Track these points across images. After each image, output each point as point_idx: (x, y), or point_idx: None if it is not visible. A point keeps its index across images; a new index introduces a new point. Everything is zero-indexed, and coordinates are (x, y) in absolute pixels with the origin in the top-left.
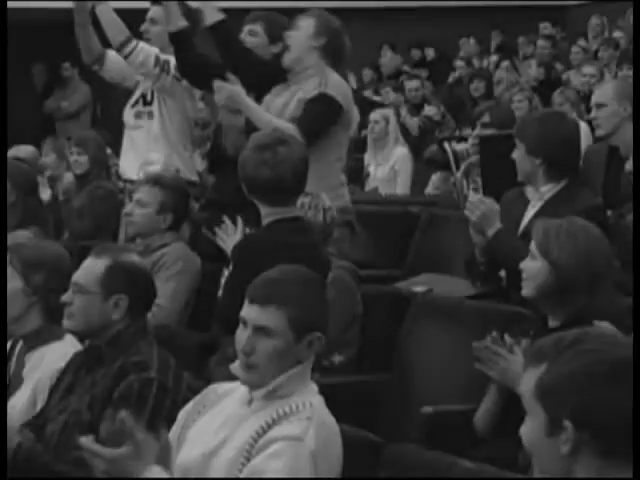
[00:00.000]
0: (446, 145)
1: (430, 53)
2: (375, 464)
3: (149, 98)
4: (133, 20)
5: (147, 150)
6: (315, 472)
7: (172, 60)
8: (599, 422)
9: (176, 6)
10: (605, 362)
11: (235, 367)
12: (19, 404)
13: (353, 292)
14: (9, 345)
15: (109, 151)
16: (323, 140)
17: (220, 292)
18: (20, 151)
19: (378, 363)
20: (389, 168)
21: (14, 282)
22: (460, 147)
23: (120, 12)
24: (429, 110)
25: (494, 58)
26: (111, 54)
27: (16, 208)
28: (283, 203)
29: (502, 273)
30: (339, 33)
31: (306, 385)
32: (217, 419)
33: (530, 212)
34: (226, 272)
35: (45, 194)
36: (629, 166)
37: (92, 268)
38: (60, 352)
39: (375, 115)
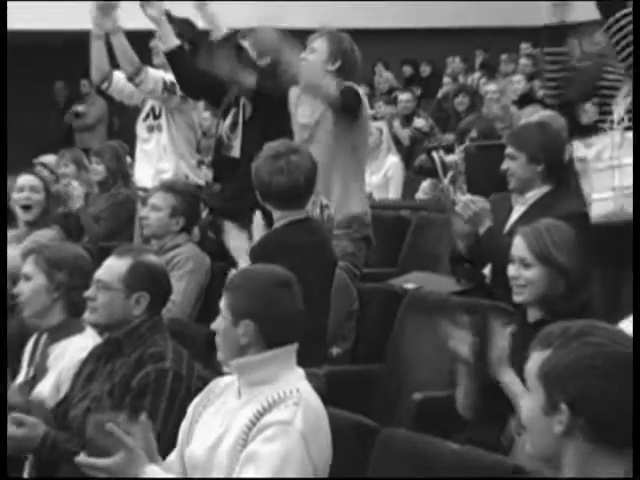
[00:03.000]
0: (434, 154)
1: (426, 70)
2: (369, 447)
3: (157, 112)
4: (144, 39)
5: (158, 160)
6: (306, 451)
7: None
8: (594, 411)
9: (169, 27)
10: (607, 356)
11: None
12: (44, 392)
13: (350, 290)
14: (34, 338)
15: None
16: (353, 155)
17: None
18: (44, 159)
19: (372, 354)
20: (382, 175)
21: (38, 280)
22: (450, 158)
23: (133, 32)
24: (418, 122)
25: (477, 75)
26: (118, 74)
27: (47, 213)
28: (296, 206)
29: (485, 271)
30: (351, 52)
31: (292, 371)
32: (219, 412)
33: (514, 215)
34: (233, 270)
35: (77, 203)
36: None
37: (115, 267)
38: (81, 344)
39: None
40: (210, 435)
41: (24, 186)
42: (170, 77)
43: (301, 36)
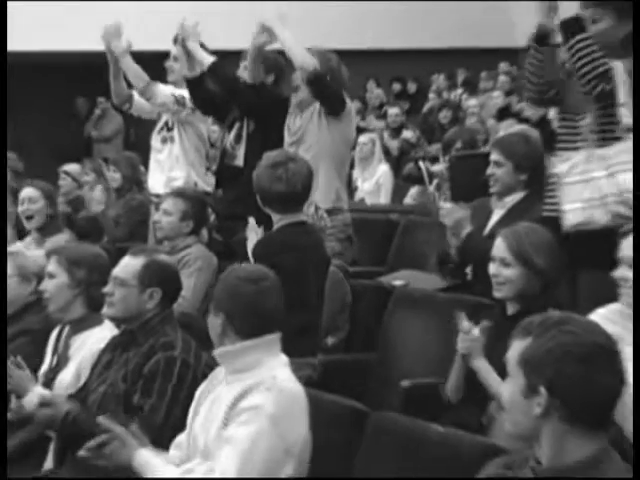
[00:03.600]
0: (421, 163)
1: (413, 86)
2: (361, 429)
3: (170, 125)
4: (158, 59)
5: (170, 168)
6: (277, 433)
7: (187, 94)
8: (570, 393)
9: (194, 58)
10: (582, 344)
11: None
12: (66, 379)
13: (343, 285)
14: (57, 330)
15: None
16: (336, 155)
17: None
18: (67, 168)
19: (364, 344)
20: (374, 182)
21: (61, 278)
22: (435, 167)
23: (147, 54)
24: (406, 134)
25: (460, 91)
26: (137, 95)
27: (53, 219)
28: (293, 210)
29: (468, 269)
30: (337, 69)
31: (274, 358)
32: (216, 399)
33: (494, 218)
34: None
35: (98, 207)
36: None
37: (131, 265)
38: (100, 336)
39: (363, 138)
40: (207, 420)
41: (24, 199)
42: (180, 91)
43: None
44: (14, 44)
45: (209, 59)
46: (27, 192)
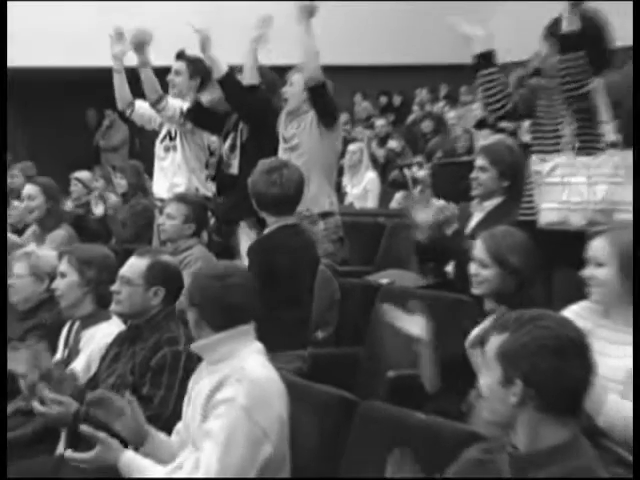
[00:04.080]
0: (405, 170)
1: (397, 100)
2: (350, 417)
3: (173, 135)
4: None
5: (173, 175)
6: (252, 421)
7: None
8: (544, 384)
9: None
10: (555, 338)
11: None
12: (77, 370)
13: (332, 283)
14: (68, 325)
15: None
16: (326, 162)
17: None
18: (79, 175)
19: (353, 338)
20: (362, 188)
21: (72, 276)
22: (419, 174)
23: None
24: (392, 143)
25: (442, 104)
26: (139, 102)
27: (52, 214)
28: (286, 213)
29: (448, 269)
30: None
31: (247, 347)
32: (200, 389)
33: (473, 221)
34: None
35: (98, 210)
36: None
37: (136, 265)
38: (107, 330)
39: (352, 147)
40: (194, 410)
41: (24, 196)
42: (186, 105)
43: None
44: (30, 61)
45: (224, 68)
46: (27, 189)
